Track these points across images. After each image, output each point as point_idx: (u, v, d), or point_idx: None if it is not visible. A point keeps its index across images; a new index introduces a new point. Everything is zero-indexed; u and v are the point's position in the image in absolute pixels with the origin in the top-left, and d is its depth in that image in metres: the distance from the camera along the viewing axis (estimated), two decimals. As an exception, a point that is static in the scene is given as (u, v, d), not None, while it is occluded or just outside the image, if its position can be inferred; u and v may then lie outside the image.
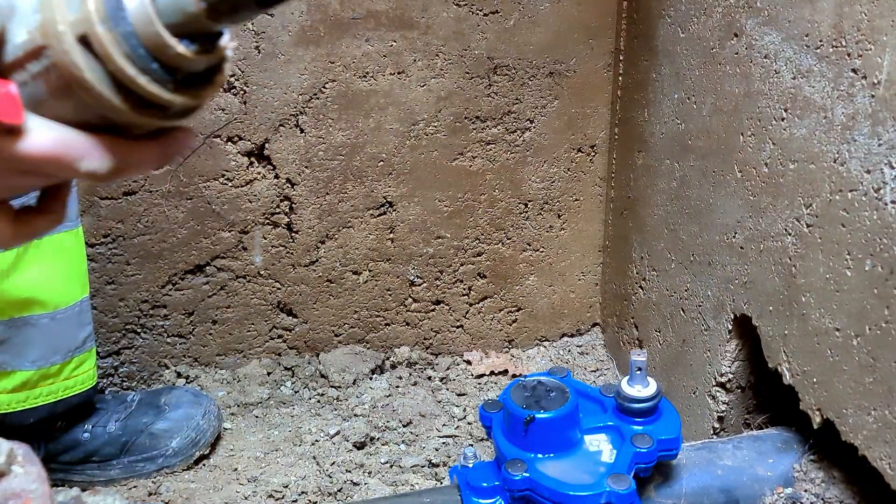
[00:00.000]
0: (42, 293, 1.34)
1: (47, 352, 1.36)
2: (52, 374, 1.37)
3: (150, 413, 1.50)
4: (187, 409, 1.52)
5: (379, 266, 1.74)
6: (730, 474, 1.12)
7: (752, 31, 1.14)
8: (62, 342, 1.38)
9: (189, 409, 1.52)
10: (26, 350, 1.35)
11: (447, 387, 1.73)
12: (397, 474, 1.48)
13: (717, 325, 1.30)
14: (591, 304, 1.88)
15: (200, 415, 1.51)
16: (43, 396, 1.38)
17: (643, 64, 1.52)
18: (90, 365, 1.44)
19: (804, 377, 1.08)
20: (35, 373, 1.36)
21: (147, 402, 1.53)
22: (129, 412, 1.50)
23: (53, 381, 1.38)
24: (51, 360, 1.37)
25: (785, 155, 1.09)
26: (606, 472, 0.99)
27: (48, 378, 1.37)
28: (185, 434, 1.49)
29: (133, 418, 1.49)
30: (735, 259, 1.23)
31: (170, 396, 1.54)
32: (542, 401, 1.06)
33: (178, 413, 1.51)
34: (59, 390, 1.39)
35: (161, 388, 1.60)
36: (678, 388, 1.43)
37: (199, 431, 1.50)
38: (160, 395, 1.55)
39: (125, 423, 1.48)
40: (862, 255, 0.95)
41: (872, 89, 0.91)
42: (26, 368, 1.35)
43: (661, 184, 1.47)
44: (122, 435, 1.47)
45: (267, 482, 1.47)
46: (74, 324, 1.39)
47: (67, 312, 1.38)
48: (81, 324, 1.41)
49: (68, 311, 1.38)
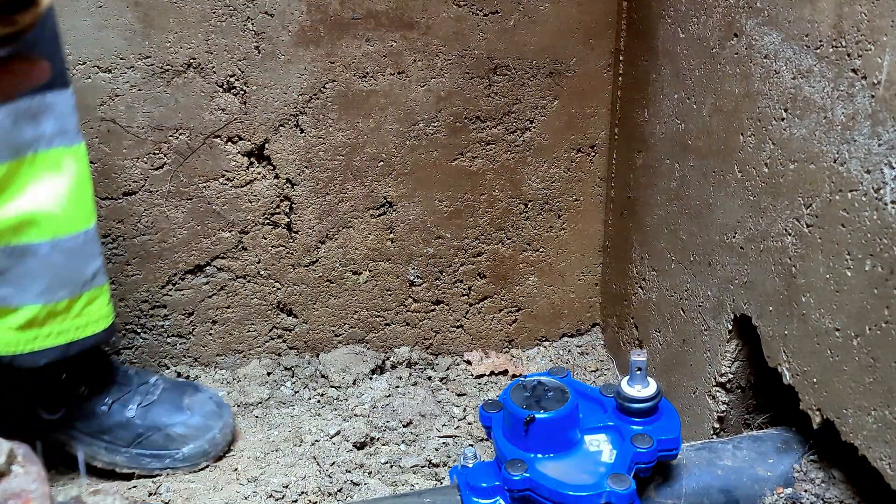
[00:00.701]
0: (38, 214, 1.27)
1: (53, 284, 1.30)
2: (60, 310, 1.32)
3: (171, 412, 1.49)
4: (207, 420, 1.50)
5: (379, 266, 1.74)
6: (730, 474, 1.12)
7: (752, 31, 1.14)
8: (68, 275, 1.32)
9: (209, 421, 1.50)
10: (29, 282, 1.29)
11: (447, 387, 1.73)
12: (397, 474, 1.48)
13: (716, 325, 1.30)
14: (591, 304, 1.88)
15: (218, 428, 1.50)
16: (53, 336, 1.32)
17: (643, 64, 1.52)
18: (103, 302, 1.38)
19: (804, 377, 1.08)
20: (42, 308, 1.30)
21: (170, 397, 1.50)
22: (152, 402, 1.48)
23: (64, 319, 1.32)
24: (58, 295, 1.31)
25: (785, 155, 1.09)
26: (606, 472, 0.99)
27: (56, 315, 1.31)
28: (198, 444, 1.48)
29: (154, 411, 1.47)
30: (735, 259, 1.23)
31: (193, 400, 1.52)
32: (542, 401, 1.06)
33: (198, 420, 1.50)
34: (71, 329, 1.34)
35: (186, 385, 1.57)
36: (678, 389, 1.43)
37: (213, 444, 1.49)
38: (184, 393, 1.53)
39: (145, 413, 1.47)
40: (862, 256, 0.95)
41: (872, 89, 0.91)
42: (31, 303, 1.29)
43: (661, 184, 1.47)
44: (139, 425, 1.46)
45: (267, 482, 1.47)
46: (80, 255, 1.33)
47: (71, 242, 1.31)
48: (89, 256, 1.35)
49: (72, 240, 1.31)
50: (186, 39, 1.51)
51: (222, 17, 1.51)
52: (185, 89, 1.54)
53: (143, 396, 1.48)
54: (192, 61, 1.53)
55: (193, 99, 1.55)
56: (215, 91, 1.55)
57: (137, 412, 1.46)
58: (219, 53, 1.53)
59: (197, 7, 1.50)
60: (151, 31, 1.50)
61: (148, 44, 1.51)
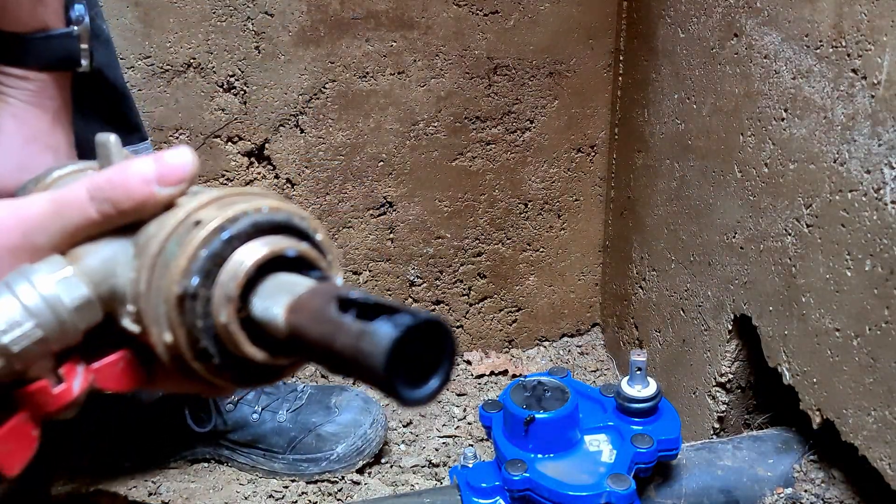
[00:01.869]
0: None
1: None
2: None
3: (320, 412, 1.49)
4: (356, 416, 1.50)
5: (379, 266, 1.74)
6: (730, 475, 1.12)
7: (752, 31, 1.14)
8: None
9: (358, 416, 1.50)
10: None
11: (447, 387, 1.72)
12: (397, 474, 1.48)
13: (716, 325, 1.30)
14: (591, 304, 1.88)
15: (368, 423, 1.50)
16: None
17: (643, 64, 1.52)
18: None
19: (804, 377, 1.08)
20: None
21: (318, 399, 1.51)
22: (300, 406, 1.49)
23: None
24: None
25: (785, 155, 1.09)
26: (606, 472, 0.99)
27: None
28: (350, 441, 1.47)
29: (303, 414, 1.48)
30: (735, 259, 1.23)
31: (340, 398, 1.52)
32: (542, 401, 1.06)
33: (347, 418, 1.49)
34: None
35: (332, 386, 1.58)
36: (678, 389, 1.43)
37: (365, 440, 1.49)
38: (331, 393, 1.53)
39: (295, 417, 1.48)
40: (862, 256, 0.95)
41: (872, 89, 0.91)
42: None
43: (661, 184, 1.47)
44: (291, 429, 1.47)
45: (266, 482, 1.47)
46: None
47: None
48: None
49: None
50: (186, 39, 1.51)
51: (222, 17, 1.51)
52: (185, 89, 1.54)
53: (292, 402, 1.50)
54: (193, 61, 1.53)
55: (193, 99, 1.55)
56: (215, 91, 1.55)
57: (288, 417, 1.48)
58: (219, 53, 1.53)
59: (197, 7, 1.50)
60: (151, 30, 1.50)
61: (148, 44, 1.51)
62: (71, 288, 0.49)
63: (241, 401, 1.47)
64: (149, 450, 1.50)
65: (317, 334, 0.43)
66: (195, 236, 0.47)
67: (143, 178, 0.50)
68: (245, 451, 1.49)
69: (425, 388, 0.43)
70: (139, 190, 0.50)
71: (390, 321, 0.40)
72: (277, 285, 0.47)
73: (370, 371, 0.40)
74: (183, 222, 0.48)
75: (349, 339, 0.41)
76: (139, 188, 0.50)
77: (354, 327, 0.41)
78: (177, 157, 0.51)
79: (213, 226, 0.47)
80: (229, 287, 0.47)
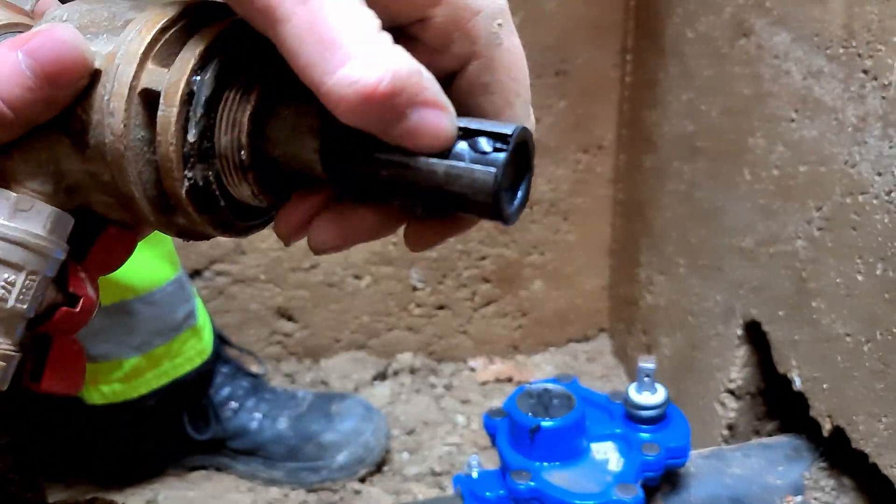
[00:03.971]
0: (127, 278, 1.33)
1: (147, 336, 1.37)
2: (157, 356, 1.38)
3: (320, 420, 1.49)
4: (357, 424, 1.49)
5: (381, 270, 1.73)
6: (739, 483, 1.11)
7: (762, 31, 1.14)
8: (160, 325, 1.38)
9: (359, 424, 1.49)
10: (125, 338, 1.36)
11: (451, 394, 1.72)
12: (399, 483, 1.48)
13: (726, 330, 1.29)
14: (599, 309, 1.87)
15: (370, 431, 1.49)
16: (155, 379, 1.39)
17: (651, 64, 1.52)
18: (197, 340, 1.43)
19: (814, 384, 1.07)
20: (140, 359, 1.37)
21: (318, 406, 1.51)
22: (301, 413, 1.49)
23: (159, 363, 1.39)
24: (153, 345, 1.37)
25: (795, 157, 1.08)
26: (613, 480, 0.99)
27: (154, 361, 1.39)
28: (352, 450, 1.46)
29: (304, 422, 1.48)
30: (745, 263, 1.23)
31: (341, 405, 1.51)
32: (549, 408, 1.05)
33: (348, 426, 1.48)
34: (169, 370, 1.40)
35: (332, 394, 1.57)
36: (687, 395, 1.42)
37: (366, 449, 1.48)
38: (331, 401, 1.52)
39: (296, 425, 1.47)
40: (873, 259, 0.94)
41: (883, 91, 0.91)
42: (129, 356, 1.36)
43: (669, 186, 1.47)
44: (291, 437, 1.46)
45: (266, 490, 1.46)
46: (169, 304, 1.38)
47: (159, 294, 1.37)
48: (178, 302, 1.40)
49: (159, 292, 1.37)
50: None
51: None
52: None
53: (292, 410, 1.49)
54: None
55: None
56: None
57: (288, 425, 1.47)
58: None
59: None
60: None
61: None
62: (33, 215, 0.45)
63: (241, 408, 1.47)
64: (146, 457, 1.49)
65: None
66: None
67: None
68: (244, 459, 1.48)
69: (517, 200, 0.43)
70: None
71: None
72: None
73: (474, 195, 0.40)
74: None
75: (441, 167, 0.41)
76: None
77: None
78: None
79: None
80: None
